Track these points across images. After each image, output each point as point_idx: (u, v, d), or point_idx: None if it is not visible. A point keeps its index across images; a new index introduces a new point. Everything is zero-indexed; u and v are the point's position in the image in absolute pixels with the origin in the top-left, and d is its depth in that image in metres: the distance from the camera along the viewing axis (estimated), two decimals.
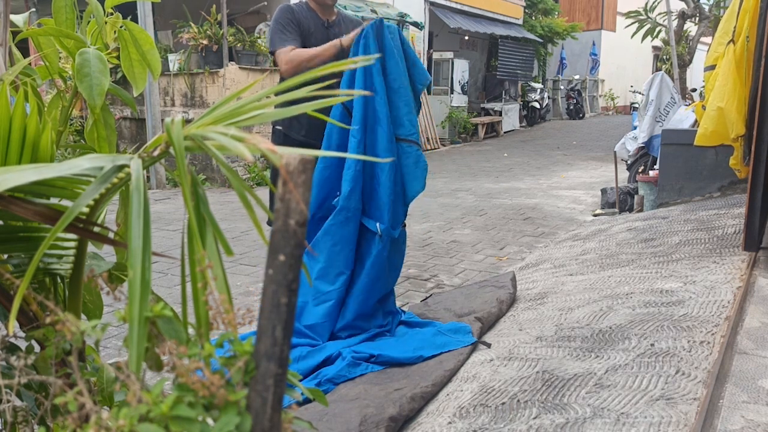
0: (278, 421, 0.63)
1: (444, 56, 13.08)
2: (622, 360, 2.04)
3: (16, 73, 1.15)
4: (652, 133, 5.52)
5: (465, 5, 13.42)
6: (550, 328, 2.50)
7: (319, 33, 2.75)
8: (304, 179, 0.60)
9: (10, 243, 0.91)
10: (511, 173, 8.86)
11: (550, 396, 1.88)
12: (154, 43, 1.31)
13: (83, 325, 0.70)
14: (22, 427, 0.88)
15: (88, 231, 0.83)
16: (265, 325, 0.62)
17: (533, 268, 3.86)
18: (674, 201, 4.93)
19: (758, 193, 2.97)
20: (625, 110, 20.78)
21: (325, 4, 2.77)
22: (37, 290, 0.96)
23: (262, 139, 0.62)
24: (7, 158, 0.92)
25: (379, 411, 1.94)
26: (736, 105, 3.11)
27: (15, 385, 0.76)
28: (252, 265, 4.23)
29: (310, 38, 2.73)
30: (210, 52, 8.38)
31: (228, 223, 5.55)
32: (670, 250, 3.40)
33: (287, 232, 0.60)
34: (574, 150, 11.58)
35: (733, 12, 3.25)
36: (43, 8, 9.75)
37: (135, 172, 0.70)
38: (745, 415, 1.63)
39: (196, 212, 0.70)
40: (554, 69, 18.56)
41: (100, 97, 1.13)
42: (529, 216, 5.86)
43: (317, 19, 2.77)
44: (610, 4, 20.39)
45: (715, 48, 3.41)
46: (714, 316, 2.31)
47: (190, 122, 0.73)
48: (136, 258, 0.64)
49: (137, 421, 0.59)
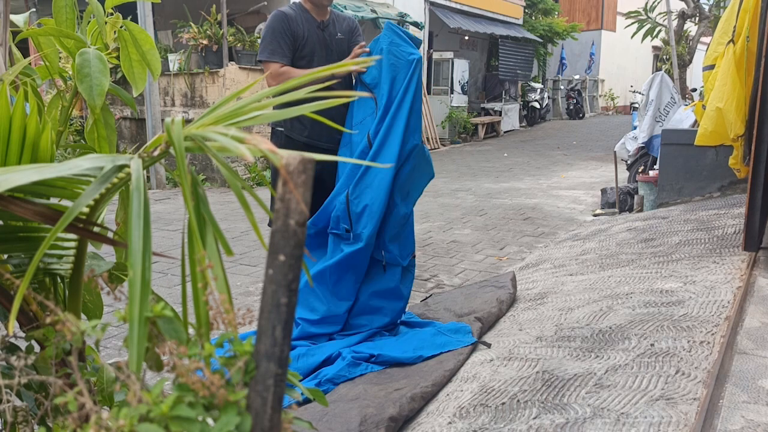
0: (278, 421, 0.63)
1: (444, 56, 13.08)
2: (622, 360, 2.04)
3: (16, 73, 1.15)
4: (652, 133, 5.52)
5: (465, 5, 13.42)
6: (550, 328, 2.50)
7: (314, 36, 2.73)
8: (305, 179, 0.59)
9: (10, 243, 0.91)
10: (511, 173, 8.86)
11: (550, 396, 1.88)
12: (154, 43, 1.31)
13: (83, 325, 0.70)
14: (22, 427, 0.88)
15: (88, 231, 0.83)
16: (265, 325, 0.62)
17: (533, 268, 3.86)
18: (674, 201, 4.93)
19: (758, 193, 2.97)
20: (625, 110, 20.78)
21: (321, 5, 2.74)
22: (37, 290, 0.96)
23: (263, 140, 0.62)
24: (7, 158, 0.92)
25: (379, 411, 1.94)
26: (735, 105, 3.11)
27: (15, 385, 0.76)
28: (252, 265, 4.23)
29: (305, 45, 2.70)
30: (210, 52, 8.38)
31: (228, 223, 5.55)
32: (670, 250, 3.40)
33: (287, 232, 0.60)
34: (574, 150, 11.58)
35: (732, 12, 3.25)
36: (43, 8, 9.75)
37: (135, 172, 0.70)
38: (745, 415, 1.63)
39: (196, 212, 0.70)
40: (554, 69, 18.56)
41: (100, 98, 1.13)
42: (529, 216, 5.86)
43: (311, 21, 2.73)
44: (610, 4, 20.39)
45: (714, 48, 3.40)
46: (714, 316, 2.31)
47: (190, 122, 0.73)
48: (137, 258, 0.64)
49: (137, 421, 0.59)
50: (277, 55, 2.62)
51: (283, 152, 0.60)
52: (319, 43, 2.73)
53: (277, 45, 2.63)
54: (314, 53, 2.71)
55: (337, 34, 2.80)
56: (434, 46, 13.38)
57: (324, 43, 2.74)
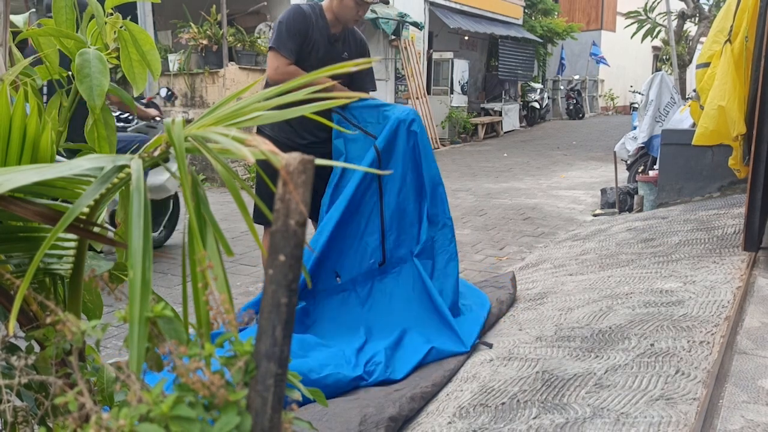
0: (278, 421, 0.64)
1: (444, 56, 13.08)
2: (622, 360, 2.04)
3: (16, 73, 1.15)
4: (652, 133, 5.52)
5: (465, 5, 13.42)
6: (549, 328, 2.50)
7: (323, 46, 2.69)
8: (304, 179, 0.60)
9: (10, 243, 0.91)
10: (511, 173, 8.86)
11: (549, 396, 1.88)
12: (154, 43, 1.31)
13: (83, 325, 0.70)
14: (22, 427, 0.88)
15: (88, 231, 0.83)
16: (265, 325, 0.62)
17: (533, 268, 3.86)
18: (674, 201, 4.93)
19: (758, 193, 2.96)
20: (625, 110, 20.78)
21: (346, 23, 2.70)
22: (38, 290, 0.96)
23: (264, 140, 0.63)
24: (7, 158, 0.92)
25: (378, 411, 1.94)
26: (737, 103, 3.10)
27: (15, 385, 0.76)
28: (252, 265, 4.23)
29: (312, 49, 2.66)
30: (210, 52, 8.37)
31: (228, 223, 5.54)
32: (670, 250, 3.40)
33: (287, 232, 0.60)
34: (573, 150, 11.58)
35: (729, 11, 3.24)
36: (43, 8, 9.74)
37: (135, 172, 0.70)
38: (744, 415, 1.63)
39: (196, 212, 0.70)
40: (554, 69, 18.56)
41: (100, 98, 1.13)
42: (528, 216, 5.86)
43: (325, 30, 2.69)
44: (609, 4, 20.39)
45: (709, 46, 3.38)
46: (714, 316, 2.31)
47: (190, 122, 0.73)
48: (137, 258, 0.64)
49: (137, 421, 0.59)
50: (289, 52, 2.59)
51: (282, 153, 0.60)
52: (324, 55, 2.68)
53: (292, 42, 2.59)
54: (314, 62, 2.65)
55: (344, 53, 2.76)
56: (434, 46, 13.38)
57: (329, 57, 2.68)
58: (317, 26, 2.66)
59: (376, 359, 2.25)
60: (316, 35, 2.66)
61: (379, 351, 2.29)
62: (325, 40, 2.69)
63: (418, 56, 11.84)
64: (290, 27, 2.60)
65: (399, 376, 2.21)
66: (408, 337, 2.43)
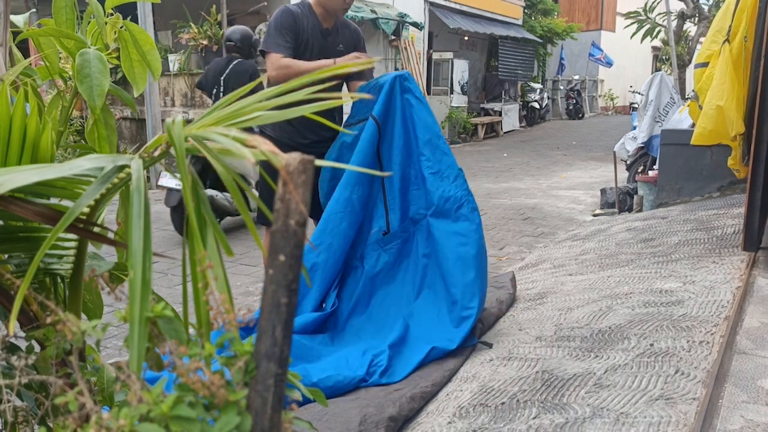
0: (278, 421, 0.64)
1: (444, 56, 13.08)
2: (622, 360, 2.04)
3: (17, 74, 1.15)
4: (652, 133, 5.52)
5: (465, 5, 13.42)
6: (549, 328, 2.50)
7: (317, 41, 2.70)
8: (304, 179, 0.60)
9: (10, 243, 0.91)
10: (511, 173, 8.86)
11: (549, 396, 1.88)
12: (154, 44, 1.32)
13: (84, 325, 0.70)
14: (22, 427, 0.88)
15: (88, 231, 0.83)
16: (265, 325, 0.63)
17: (533, 268, 3.87)
18: (674, 201, 4.93)
19: (758, 193, 2.96)
20: (625, 110, 20.78)
21: (335, 13, 2.71)
22: (38, 290, 0.96)
23: (264, 141, 0.63)
24: (8, 158, 0.92)
25: (378, 411, 1.94)
26: (735, 103, 3.10)
27: (15, 385, 0.76)
28: (252, 265, 4.23)
29: (306, 47, 2.68)
30: (210, 53, 8.37)
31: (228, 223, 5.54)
32: (670, 250, 3.40)
33: (287, 232, 0.61)
34: (573, 150, 11.58)
35: (727, 10, 3.23)
36: (43, 8, 9.74)
37: (135, 172, 0.70)
38: (744, 415, 1.63)
39: (196, 212, 0.71)
40: (554, 69, 18.56)
41: (101, 98, 1.13)
42: (528, 216, 5.87)
43: (317, 25, 2.70)
44: (609, 4, 20.39)
45: (707, 45, 3.38)
46: (713, 316, 2.31)
47: (191, 122, 0.73)
48: (137, 258, 0.64)
49: (137, 421, 0.59)
50: (280, 48, 2.60)
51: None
52: (319, 50, 2.69)
53: (282, 38, 2.61)
54: (310, 58, 2.66)
55: (338, 45, 2.76)
56: (434, 47, 13.38)
57: (324, 51, 2.70)
58: (308, 23, 2.68)
59: (380, 362, 2.26)
60: (308, 32, 2.68)
61: (384, 351, 2.29)
62: (318, 35, 2.71)
63: (418, 56, 11.84)
64: (278, 25, 2.63)
65: (399, 377, 2.22)
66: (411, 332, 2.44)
